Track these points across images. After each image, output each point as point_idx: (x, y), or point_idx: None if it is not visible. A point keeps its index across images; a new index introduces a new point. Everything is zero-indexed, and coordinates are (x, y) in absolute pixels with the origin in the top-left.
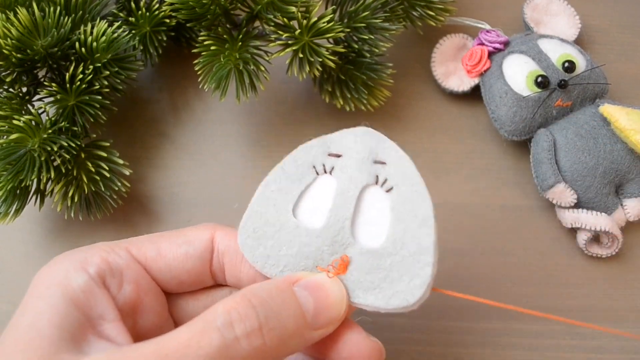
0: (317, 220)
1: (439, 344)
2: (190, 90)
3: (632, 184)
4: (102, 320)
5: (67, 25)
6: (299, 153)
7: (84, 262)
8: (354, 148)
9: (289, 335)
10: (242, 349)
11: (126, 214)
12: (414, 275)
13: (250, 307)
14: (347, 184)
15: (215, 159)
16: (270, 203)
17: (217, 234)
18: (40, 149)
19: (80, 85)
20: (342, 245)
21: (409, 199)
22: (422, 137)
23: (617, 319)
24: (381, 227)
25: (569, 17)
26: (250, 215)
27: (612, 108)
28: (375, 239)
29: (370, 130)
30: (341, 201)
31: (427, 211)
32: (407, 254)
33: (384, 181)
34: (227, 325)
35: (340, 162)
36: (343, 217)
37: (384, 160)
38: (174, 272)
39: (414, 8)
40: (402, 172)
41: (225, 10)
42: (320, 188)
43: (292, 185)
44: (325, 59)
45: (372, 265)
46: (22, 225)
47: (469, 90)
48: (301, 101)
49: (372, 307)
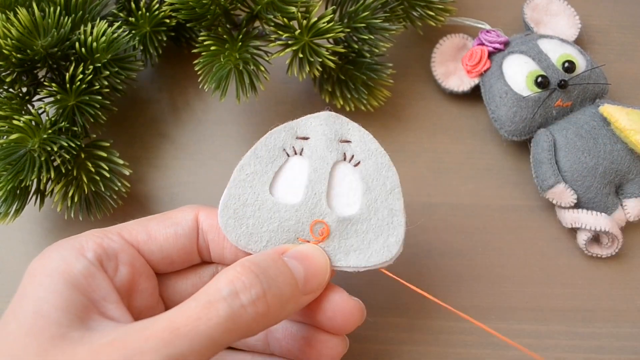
0: (293, 197)
1: (439, 344)
2: (190, 90)
3: (632, 184)
4: (104, 302)
5: (67, 25)
6: (268, 138)
7: (81, 248)
8: (320, 130)
9: (286, 301)
10: (248, 316)
11: (126, 214)
12: (389, 234)
13: (254, 276)
14: (319, 162)
15: (215, 159)
16: (247, 185)
17: (200, 214)
18: (40, 149)
19: (80, 85)
20: (320, 215)
21: (376, 170)
22: (422, 137)
23: (617, 319)
24: (353, 197)
25: (569, 17)
26: (229, 198)
27: (612, 108)
28: (349, 208)
29: (332, 114)
30: (315, 177)
31: (394, 179)
32: (380, 217)
33: (352, 157)
34: (233, 295)
35: (308, 143)
36: (319, 191)
37: (349, 139)
38: (165, 252)
39: (414, 8)
40: (366, 148)
41: (225, 10)
42: (292, 168)
43: (265, 167)
44: (325, 59)
45: (349, 230)
46: (22, 225)
47: (469, 90)
48: (301, 101)
49: (355, 267)
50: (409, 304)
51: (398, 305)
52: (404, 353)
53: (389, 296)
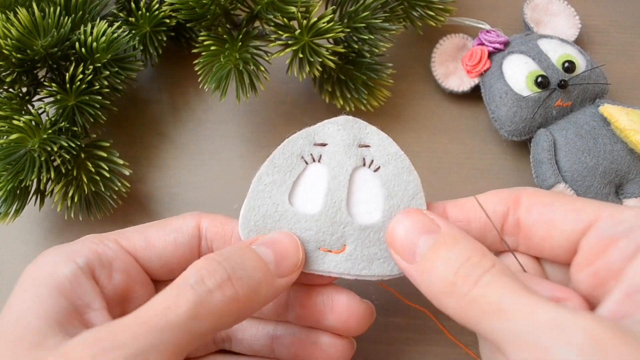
0: (312, 206)
1: (439, 344)
2: (190, 90)
3: (632, 184)
4: (88, 309)
5: (67, 26)
6: (286, 146)
7: (72, 254)
8: (338, 136)
9: (257, 283)
10: (216, 300)
11: (126, 214)
12: None
13: (216, 263)
14: (337, 169)
15: (215, 159)
16: (266, 196)
17: (203, 221)
18: (40, 149)
19: (80, 85)
20: (341, 224)
21: (397, 175)
22: (422, 137)
23: None
24: (374, 203)
25: (569, 17)
26: (249, 211)
27: (612, 108)
28: (370, 215)
29: (350, 118)
30: (334, 185)
31: (416, 184)
32: None
33: (371, 162)
34: (199, 282)
35: (326, 150)
36: (339, 199)
37: (368, 143)
38: (163, 259)
39: (414, 8)
40: (386, 152)
41: (225, 11)
42: (311, 176)
43: (284, 176)
44: (325, 59)
45: (372, 238)
46: (22, 225)
47: (469, 90)
48: (301, 101)
49: (378, 276)
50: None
51: (398, 306)
52: (404, 353)
53: (389, 296)
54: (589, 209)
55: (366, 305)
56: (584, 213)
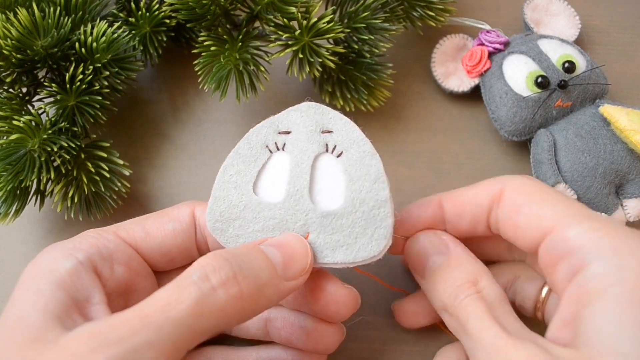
0: (276, 194)
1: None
2: (190, 90)
3: (632, 185)
4: (87, 303)
5: (67, 26)
6: (250, 136)
7: (72, 248)
8: (301, 123)
9: (263, 284)
10: (220, 298)
11: (126, 214)
12: (377, 226)
13: (223, 260)
14: (300, 156)
15: (215, 159)
16: (231, 186)
17: (197, 209)
18: (40, 150)
19: (80, 85)
20: (303, 212)
21: (359, 159)
22: (422, 137)
23: None
24: (337, 190)
25: (569, 17)
26: (214, 201)
27: (612, 108)
28: (333, 202)
29: (313, 104)
30: (296, 172)
31: (378, 167)
32: (366, 209)
33: (334, 147)
34: (203, 278)
35: (290, 137)
36: (301, 186)
37: (331, 129)
38: (164, 249)
39: (414, 8)
40: (349, 137)
41: (225, 11)
42: (275, 165)
43: (248, 166)
44: (325, 60)
45: (335, 225)
46: (22, 225)
47: (469, 91)
48: (301, 101)
49: (342, 263)
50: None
51: None
52: (403, 353)
53: (387, 295)
54: (549, 216)
55: (348, 291)
56: (544, 221)
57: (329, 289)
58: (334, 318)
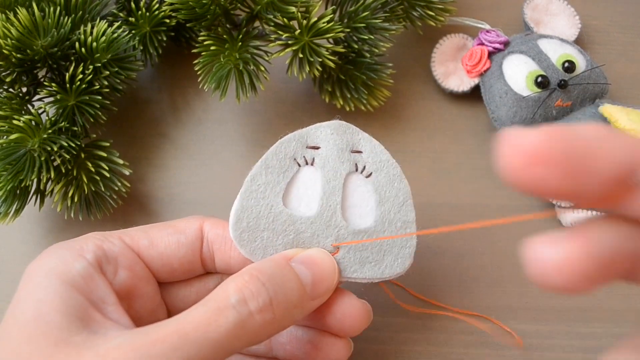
0: (306, 208)
1: (439, 344)
2: (190, 90)
3: None
4: (103, 304)
5: (67, 26)
6: (279, 147)
7: (80, 250)
8: (331, 140)
9: (293, 307)
10: (255, 323)
11: (126, 214)
12: (402, 246)
13: (261, 284)
14: (331, 173)
15: (215, 159)
16: (259, 197)
17: (205, 224)
18: (40, 149)
19: (80, 85)
20: (335, 227)
21: (389, 182)
22: (422, 137)
23: (617, 319)
24: (366, 208)
25: (569, 17)
26: (242, 211)
27: (612, 108)
28: (362, 220)
29: (343, 123)
30: (329, 189)
31: (406, 191)
32: (394, 230)
33: (363, 168)
34: (241, 303)
35: (319, 153)
36: (334, 203)
37: (361, 149)
38: (165, 260)
39: (414, 8)
40: (378, 159)
41: (225, 10)
42: (304, 178)
43: (277, 177)
44: (325, 59)
45: (365, 242)
46: (22, 225)
47: (469, 90)
48: (301, 101)
49: (369, 278)
50: (408, 304)
51: (398, 305)
52: (404, 353)
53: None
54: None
55: (363, 306)
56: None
57: (346, 303)
58: (348, 332)
